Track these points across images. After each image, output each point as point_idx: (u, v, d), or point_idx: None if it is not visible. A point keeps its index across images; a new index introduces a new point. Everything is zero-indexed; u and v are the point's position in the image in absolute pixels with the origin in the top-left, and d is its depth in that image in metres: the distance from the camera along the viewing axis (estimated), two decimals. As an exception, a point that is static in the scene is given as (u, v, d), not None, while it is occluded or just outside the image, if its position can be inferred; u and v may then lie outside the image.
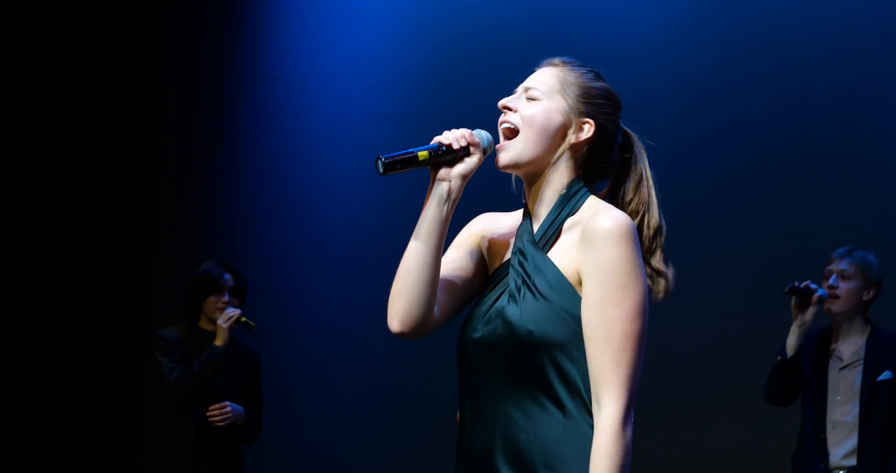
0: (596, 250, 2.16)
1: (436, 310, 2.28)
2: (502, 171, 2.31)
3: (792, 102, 5.82)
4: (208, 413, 4.85)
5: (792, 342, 4.55)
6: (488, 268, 2.36)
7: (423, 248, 2.23)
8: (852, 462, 4.45)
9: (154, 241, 7.18)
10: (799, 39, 5.85)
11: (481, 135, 2.29)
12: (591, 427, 2.18)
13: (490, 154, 2.30)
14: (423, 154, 2.21)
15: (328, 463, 6.64)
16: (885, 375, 4.47)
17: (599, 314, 2.14)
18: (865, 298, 4.59)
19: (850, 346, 4.57)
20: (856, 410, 4.47)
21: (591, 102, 2.31)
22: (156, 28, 7.42)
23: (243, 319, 4.93)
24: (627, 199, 2.36)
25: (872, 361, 4.50)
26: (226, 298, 4.98)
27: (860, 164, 5.68)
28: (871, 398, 4.45)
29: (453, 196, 2.25)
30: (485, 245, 2.36)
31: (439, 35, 6.71)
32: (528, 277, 2.22)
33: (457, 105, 6.51)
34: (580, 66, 2.39)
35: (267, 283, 6.95)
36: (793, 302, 4.56)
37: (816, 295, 4.51)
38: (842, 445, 4.47)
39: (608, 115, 2.33)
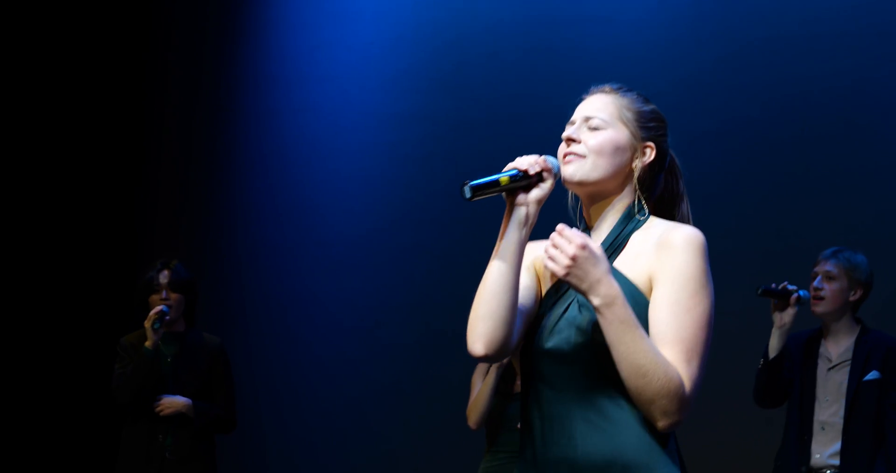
0: (674, 256, 2.22)
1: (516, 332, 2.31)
2: (566, 185, 2.35)
3: (791, 101, 5.83)
4: (154, 407, 4.89)
5: (773, 343, 4.54)
6: (543, 287, 2.39)
7: (505, 271, 2.25)
8: (836, 461, 4.45)
9: (155, 241, 7.18)
10: (798, 39, 5.86)
11: (553, 162, 2.32)
12: (665, 434, 2.22)
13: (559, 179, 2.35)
14: (504, 180, 2.25)
15: (331, 461, 6.65)
16: (872, 374, 4.46)
17: (672, 315, 2.19)
18: (852, 298, 4.58)
19: (838, 347, 4.57)
20: (842, 410, 4.47)
21: (649, 127, 2.39)
22: (156, 29, 7.44)
23: (156, 315, 4.88)
24: (677, 219, 2.43)
25: (860, 361, 4.49)
26: (163, 295, 4.98)
27: (859, 163, 5.69)
28: (857, 398, 4.44)
29: (531, 220, 2.28)
30: (539, 267, 2.40)
31: (439, 36, 6.72)
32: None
33: (456, 106, 6.53)
34: (629, 90, 2.42)
35: (268, 282, 6.96)
36: (771, 304, 4.55)
37: (795, 296, 4.50)
38: (831, 446, 4.47)
39: (663, 136, 2.42)
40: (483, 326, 2.25)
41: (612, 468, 2.19)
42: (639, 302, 2.22)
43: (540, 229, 2.41)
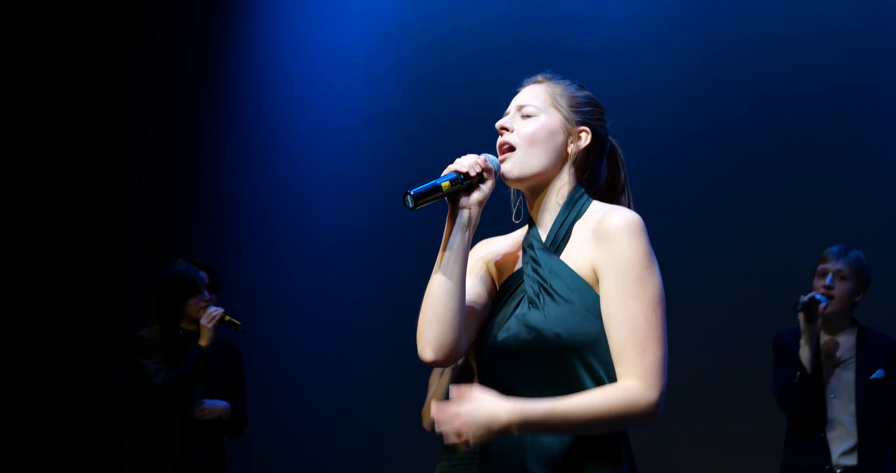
0: (611, 245, 2.21)
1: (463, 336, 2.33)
2: (508, 184, 2.36)
3: (776, 100, 5.84)
4: (196, 412, 4.86)
5: (807, 355, 4.47)
6: (497, 285, 2.40)
7: (450, 275, 2.28)
8: (849, 460, 4.46)
9: (140, 238, 7.18)
10: (783, 39, 5.88)
11: (492, 160, 2.34)
12: None
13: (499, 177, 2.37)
14: (446, 185, 2.27)
15: (317, 458, 6.65)
16: (879, 373, 4.50)
17: (620, 306, 2.18)
18: (857, 299, 4.60)
19: (840, 345, 4.58)
20: (851, 408, 4.49)
21: (583, 111, 2.38)
22: (142, 25, 7.42)
23: (227, 318, 4.92)
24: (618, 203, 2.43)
25: (864, 359, 4.51)
26: (206, 296, 4.98)
27: (844, 163, 5.71)
28: (867, 396, 4.47)
29: (473, 222, 2.30)
30: (491, 266, 2.41)
31: (425, 34, 6.73)
32: (545, 282, 2.26)
33: (442, 103, 6.53)
34: (563, 78, 2.43)
35: (253, 279, 6.96)
36: (802, 317, 4.51)
37: (822, 305, 4.48)
38: (840, 443, 4.49)
39: (598, 121, 2.41)
40: (431, 331, 2.28)
41: (565, 462, 2.20)
42: (589, 295, 2.22)
43: (486, 227, 2.41)
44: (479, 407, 2.11)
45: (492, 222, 2.52)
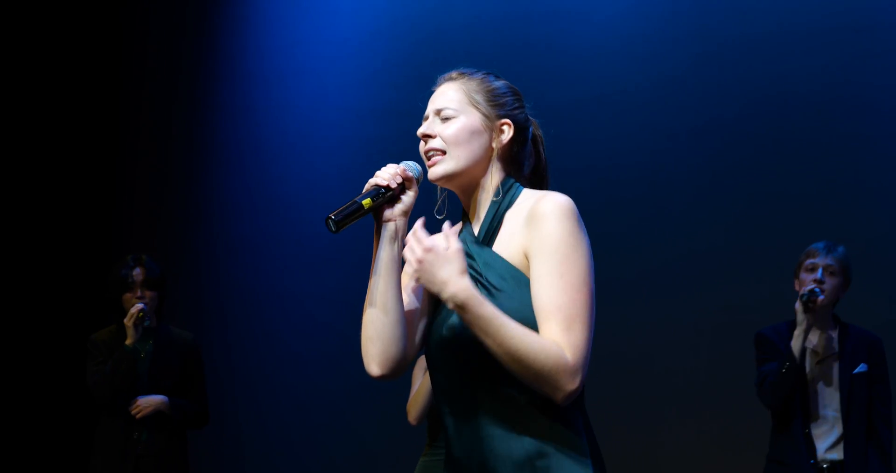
0: (540, 228, 2.20)
1: (412, 344, 2.33)
2: (435, 183, 2.36)
3: (768, 99, 5.85)
4: (131, 409, 4.89)
5: (799, 345, 4.51)
6: None
7: (384, 289, 2.28)
8: (834, 455, 4.49)
9: (132, 237, 7.16)
10: (774, 36, 5.89)
11: (412, 167, 2.34)
12: (576, 419, 2.22)
13: (423, 181, 2.37)
14: (367, 202, 2.28)
15: (308, 456, 6.65)
16: (862, 367, 4.53)
17: (547, 285, 2.16)
18: (841, 295, 4.63)
19: (823, 340, 4.60)
20: (835, 403, 4.51)
21: (501, 103, 2.37)
22: (133, 25, 7.41)
23: (141, 314, 4.90)
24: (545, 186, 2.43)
25: (847, 354, 4.53)
26: (138, 294, 4.98)
27: (836, 160, 5.72)
28: (851, 391, 4.49)
29: (401, 233, 2.31)
30: None
31: (416, 31, 6.73)
32: (480, 275, 2.25)
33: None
34: (476, 71, 2.42)
35: (245, 278, 6.95)
36: (802, 308, 4.52)
37: (820, 299, 4.51)
38: (825, 438, 4.51)
39: (518, 109, 2.39)
40: (374, 348, 2.30)
41: (523, 457, 2.18)
42: (521, 282, 2.22)
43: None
44: (445, 264, 2.13)
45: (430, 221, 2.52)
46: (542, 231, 2.20)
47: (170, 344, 5.07)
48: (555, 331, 2.14)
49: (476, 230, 2.34)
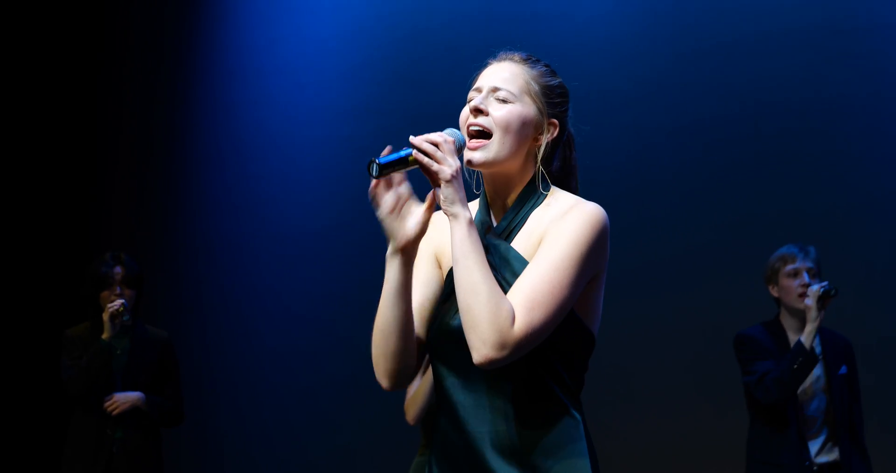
0: (567, 222, 2.18)
1: (421, 347, 2.30)
2: (470, 167, 2.29)
3: (745, 98, 5.88)
4: (107, 405, 4.89)
5: (811, 341, 4.47)
6: (443, 270, 2.35)
7: (395, 311, 2.23)
8: (825, 457, 4.50)
9: (111, 233, 7.14)
10: (752, 37, 5.91)
11: (458, 137, 2.25)
12: (578, 412, 2.21)
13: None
14: (412, 158, 2.21)
15: (286, 453, 6.64)
16: (843, 369, 4.56)
17: (539, 268, 2.14)
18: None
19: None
20: (820, 404, 4.53)
21: (555, 102, 2.32)
22: (113, 21, 7.38)
23: (121, 310, 4.89)
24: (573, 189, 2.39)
25: (830, 356, 4.56)
26: (117, 291, 4.97)
27: (812, 159, 5.75)
28: (836, 392, 4.51)
29: (411, 259, 2.25)
30: (441, 257, 2.36)
31: (396, 30, 6.72)
32: (496, 270, 2.21)
33: (413, 99, 6.53)
34: (537, 61, 2.37)
35: (224, 275, 6.94)
36: (817, 305, 4.48)
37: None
38: (813, 440, 4.53)
39: (566, 111, 2.36)
40: (386, 364, 2.26)
41: (528, 456, 2.17)
42: None
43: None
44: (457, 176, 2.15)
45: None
46: (562, 226, 2.17)
47: (145, 342, 5.07)
48: (517, 303, 2.10)
49: (496, 222, 2.30)
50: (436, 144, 2.18)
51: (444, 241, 2.35)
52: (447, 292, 2.29)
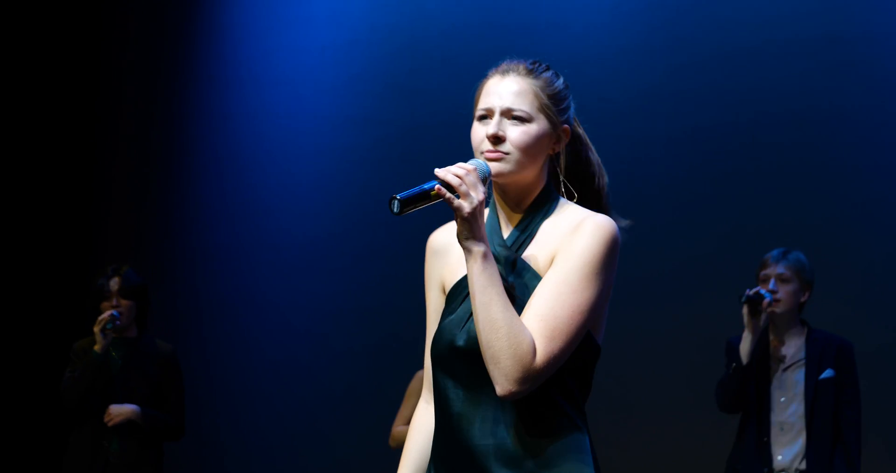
0: (579, 239, 2.17)
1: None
2: (493, 179, 2.26)
3: (744, 108, 5.88)
4: (103, 417, 4.91)
5: (747, 348, 4.54)
6: (446, 286, 2.34)
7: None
8: (802, 465, 4.49)
9: (108, 244, 7.14)
10: (749, 46, 5.92)
11: (482, 169, 2.21)
12: (584, 424, 2.21)
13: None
14: (434, 192, 2.13)
15: (284, 465, 6.63)
16: (828, 373, 4.53)
17: (555, 292, 2.12)
18: (802, 299, 4.65)
19: (790, 347, 4.62)
20: (801, 410, 4.52)
21: (563, 108, 2.31)
22: (111, 32, 7.39)
23: (110, 317, 4.90)
24: (596, 186, 2.42)
25: (814, 360, 4.54)
26: (114, 302, 4.99)
27: (810, 169, 5.75)
28: (816, 397, 4.50)
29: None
30: (447, 280, 2.34)
31: (392, 40, 6.73)
32: (505, 281, 2.19)
33: (410, 110, 6.54)
34: (541, 67, 2.35)
35: (222, 285, 6.94)
36: (745, 310, 4.56)
37: (766, 301, 4.54)
38: (790, 446, 4.51)
39: (571, 110, 2.35)
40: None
41: (531, 462, 2.15)
42: None
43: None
44: (480, 211, 2.12)
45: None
46: (578, 243, 2.16)
47: (147, 354, 5.07)
48: (538, 332, 2.09)
49: (506, 233, 2.29)
50: (460, 178, 2.14)
51: (446, 262, 2.35)
52: (453, 306, 2.27)
